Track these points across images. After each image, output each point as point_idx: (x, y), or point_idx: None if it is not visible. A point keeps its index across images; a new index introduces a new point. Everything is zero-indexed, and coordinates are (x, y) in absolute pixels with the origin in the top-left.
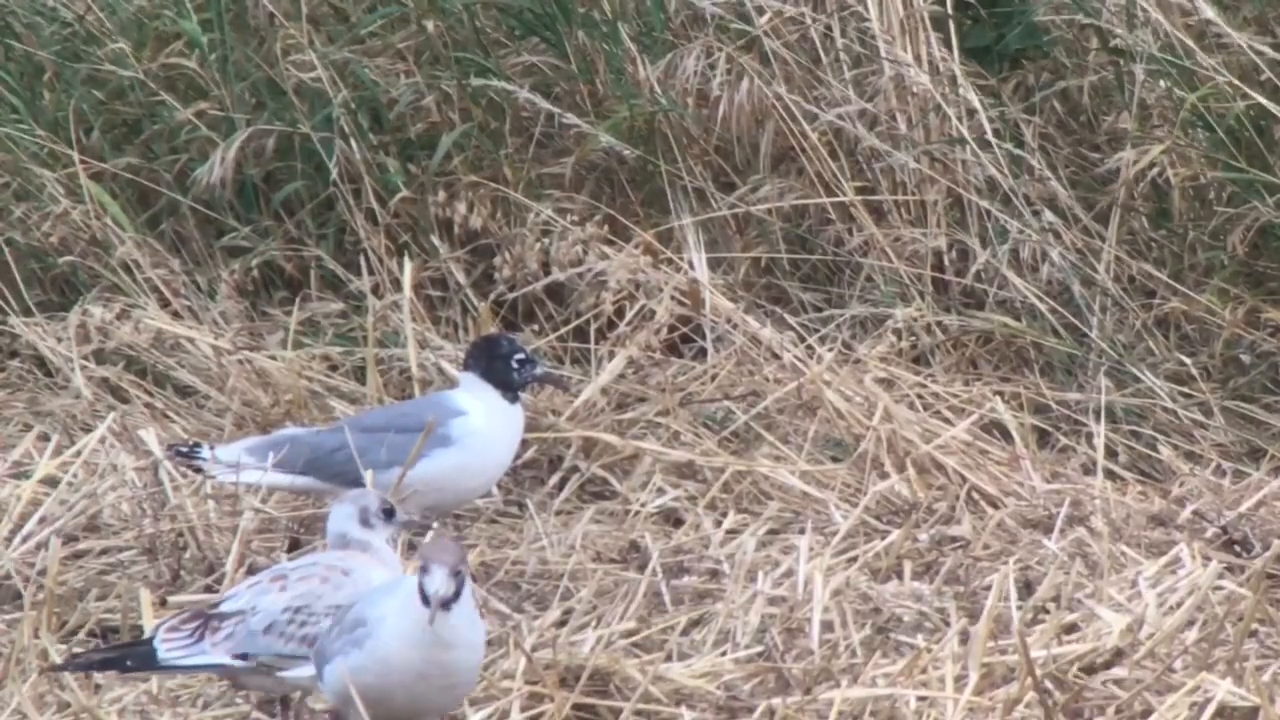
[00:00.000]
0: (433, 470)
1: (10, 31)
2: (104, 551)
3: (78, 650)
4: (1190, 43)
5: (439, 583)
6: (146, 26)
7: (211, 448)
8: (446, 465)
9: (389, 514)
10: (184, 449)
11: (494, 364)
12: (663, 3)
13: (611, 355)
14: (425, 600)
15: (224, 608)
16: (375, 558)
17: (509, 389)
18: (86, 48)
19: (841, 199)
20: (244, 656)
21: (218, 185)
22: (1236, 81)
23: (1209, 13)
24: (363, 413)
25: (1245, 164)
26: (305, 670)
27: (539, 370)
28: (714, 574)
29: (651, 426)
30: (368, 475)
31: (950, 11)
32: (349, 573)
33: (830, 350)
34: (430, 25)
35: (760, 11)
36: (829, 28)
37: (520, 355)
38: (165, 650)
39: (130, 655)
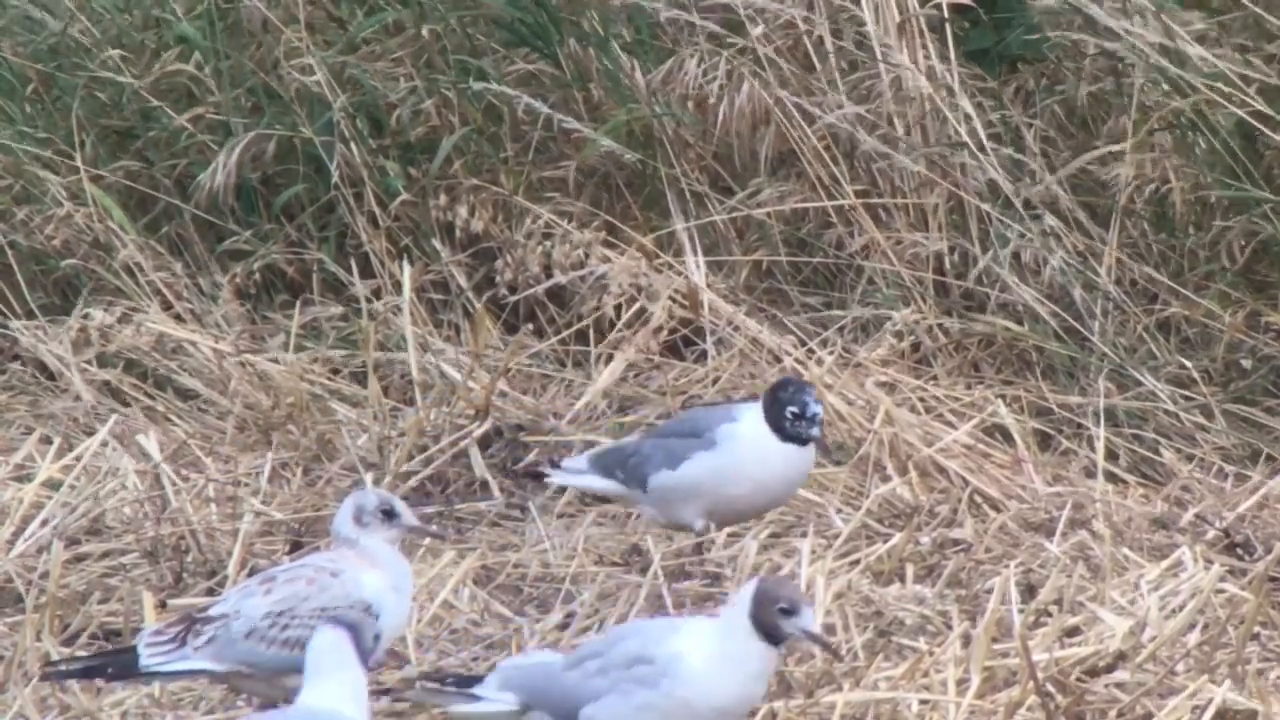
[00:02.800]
0: (694, 471)
1: (7, 37)
2: (106, 554)
3: (78, 655)
4: (1179, 53)
5: (816, 621)
6: (136, 37)
7: (572, 458)
8: (705, 467)
9: (388, 515)
10: (554, 458)
11: (772, 403)
12: (648, 11)
13: (610, 358)
14: (774, 637)
15: (210, 611)
16: (364, 557)
17: (779, 433)
18: (80, 59)
19: (841, 202)
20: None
21: (221, 190)
22: (1230, 91)
23: (1193, 53)
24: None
25: (1241, 177)
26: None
27: (815, 431)
28: (716, 577)
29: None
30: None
31: (947, 16)
32: (337, 574)
33: (831, 353)
34: (425, 31)
35: (754, 20)
36: (835, 31)
37: (794, 409)
38: (148, 657)
39: (113, 663)
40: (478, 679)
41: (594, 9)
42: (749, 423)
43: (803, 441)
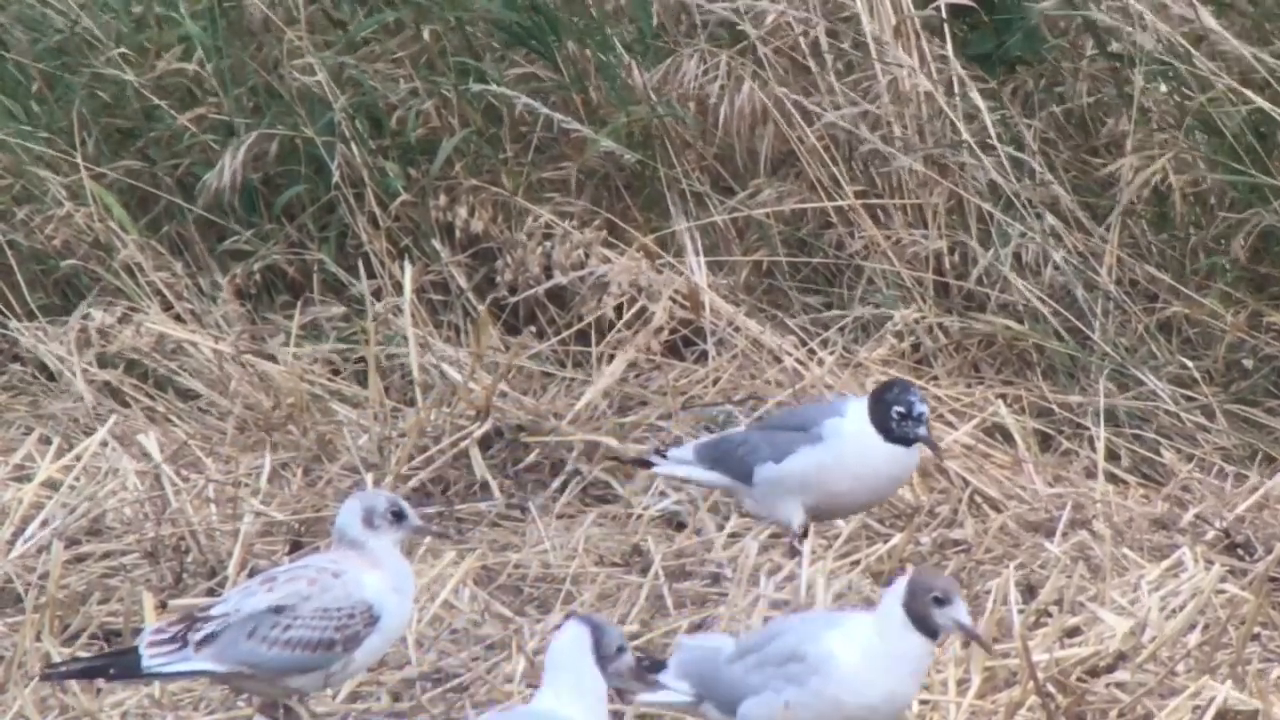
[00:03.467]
0: (798, 465)
1: (3, 45)
2: (106, 555)
3: (78, 656)
4: (1189, 46)
5: (967, 615)
6: (139, 36)
7: (679, 446)
8: (810, 462)
9: (398, 517)
10: (660, 448)
11: (877, 404)
12: (651, 10)
13: (611, 358)
14: (927, 628)
15: (212, 612)
16: (368, 559)
17: (884, 433)
18: (84, 57)
19: (841, 203)
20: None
21: (226, 190)
22: (1236, 86)
23: (1209, 21)
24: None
25: (1248, 167)
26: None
27: (921, 430)
28: (716, 578)
29: (653, 430)
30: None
31: (945, 17)
32: (339, 575)
33: (832, 353)
34: (426, 33)
35: (758, 22)
36: (831, 32)
37: (900, 409)
38: (149, 658)
39: (114, 663)
40: (662, 664)
41: (594, 8)
42: (855, 419)
43: (909, 441)
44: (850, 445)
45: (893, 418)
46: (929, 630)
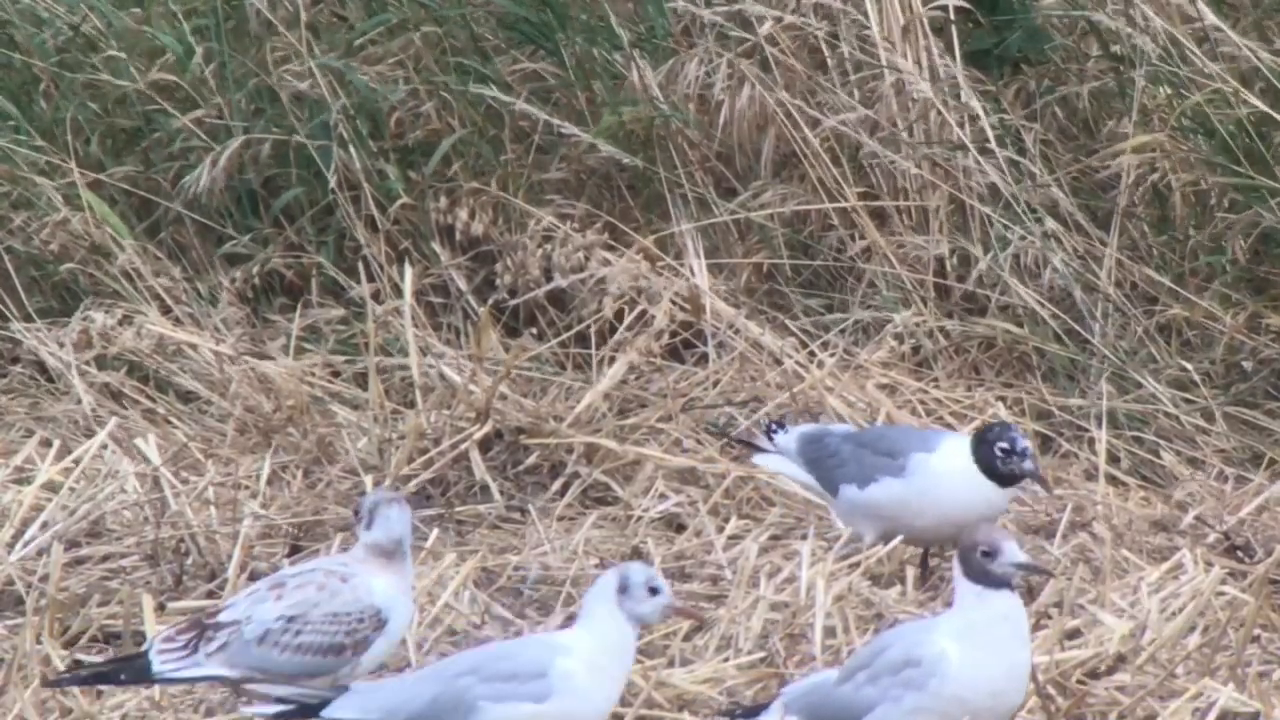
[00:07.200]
0: (879, 496)
1: (10, 42)
2: (106, 557)
3: (78, 658)
4: (1192, 47)
5: (1020, 554)
6: (137, 39)
7: (785, 430)
8: (891, 494)
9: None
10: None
11: (980, 446)
12: (665, 9)
13: (612, 360)
14: (990, 579)
15: (221, 617)
16: (396, 568)
17: (993, 476)
18: (85, 58)
19: (843, 204)
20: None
21: (206, 193)
22: (1237, 86)
23: (1211, 17)
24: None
25: (1247, 169)
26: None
27: (1027, 465)
28: (716, 580)
29: (653, 432)
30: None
31: (952, 18)
32: (347, 579)
33: (832, 356)
34: (417, 38)
35: (761, 20)
36: (833, 35)
37: (1005, 445)
38: (160, 663)
39: (125, 669)
40: (763, 707)
41: (609, 5)
42: (944, 455)
43: (1017, 479)
44: (934, 482)
45: (997, 455)
46: (999, 584)
